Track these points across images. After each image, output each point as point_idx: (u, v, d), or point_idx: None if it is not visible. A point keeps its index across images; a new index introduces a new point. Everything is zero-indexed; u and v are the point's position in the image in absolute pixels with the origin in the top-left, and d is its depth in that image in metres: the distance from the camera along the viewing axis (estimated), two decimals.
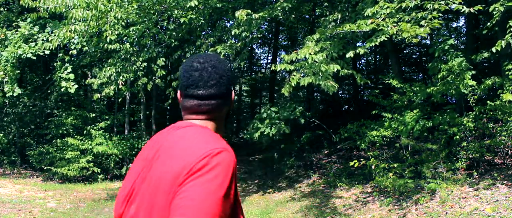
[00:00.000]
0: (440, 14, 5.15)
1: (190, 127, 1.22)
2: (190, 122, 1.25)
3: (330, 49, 5.32)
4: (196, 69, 1.24)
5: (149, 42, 7.90)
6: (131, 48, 7.83)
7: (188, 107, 1.25)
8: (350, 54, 5.30)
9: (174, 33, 8.17)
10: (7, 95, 9.02)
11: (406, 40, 5.02)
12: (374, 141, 7.58)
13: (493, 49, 5.37)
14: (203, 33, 9.54)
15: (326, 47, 5.38)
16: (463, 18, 11.91)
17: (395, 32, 4.89)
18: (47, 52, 8.37)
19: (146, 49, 7.89)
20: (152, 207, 1.12)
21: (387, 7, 5.09)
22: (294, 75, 5.30)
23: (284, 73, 14.94)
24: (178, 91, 1.29)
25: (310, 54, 5.12)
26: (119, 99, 13.38)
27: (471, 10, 4.91)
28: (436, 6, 4.94)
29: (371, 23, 4.92)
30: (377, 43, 5.09)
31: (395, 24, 4.97)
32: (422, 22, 5.03)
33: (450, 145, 6.92)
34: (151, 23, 7.45)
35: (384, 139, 7.53)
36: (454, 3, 4.91)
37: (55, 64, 10.91)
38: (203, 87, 1.22)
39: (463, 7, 4.90)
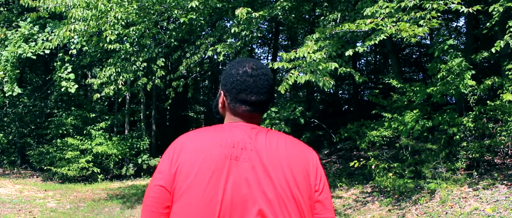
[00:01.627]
0: (439, 14, 5.15)
1: (272, 130, 1.32)
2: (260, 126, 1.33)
3: (329, 48, 5.33)
4: (251, 75, 1.28)
5: (149, 42, 7.90)
6: (131, 48, 7.83)
7: (239, 112, 1.30)
8: (349, 52, 5.31)
9: (174, 33, 8.17)
10: (6, 95, 9.02)
11: (405, 40, 5.02)
12: (374, 141, 7.57)
13: (493, 50, 5.37)
14: (203, 33, 9.54)
15: (325, 46, 5.38)
16: (463, 18, 11.92)
17: (394, 32, 4.89)
18: (47, 52, 8.37)
19: (146, 49, 7.89)
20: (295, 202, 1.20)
21: (386, 7, 5.09)
22: (292, 73, 5.30)
23: (284, 73, 14.93)
24: (222, 92, 1.33)
25: (308, 53, 5.12)
26: (119, 99, 13.37)
27: (470, 10, 4.91)
28: (435, 6, 4.94)
29: (370, 22, 4.92)
30: (376, 42, 5.09)
31: (394, 24, 4.97)
32: (421, 22, 5.03)
33: (450, 145, 6.92)
34: (151, 23, 7.44)
35: (384, 139, 7.53)
36: (453, 3, 4.90)
37: (55, 64, 10.91)
38: (256, 94, 1.28)
39: (462, 7, 4.89)
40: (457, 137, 6.59)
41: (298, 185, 1.21)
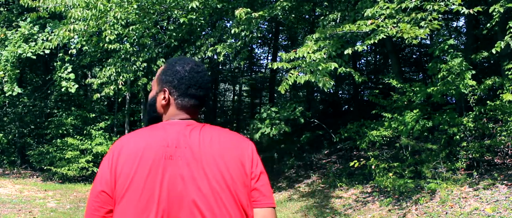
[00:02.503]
0: (440, 15, 5.15)
1: (207, 125, 1.37)
2: (192, 121, 1.36)
3: (329, 48, 5.33)
4: (197, 71, 1.37)
5: (149, 42, 7.90)
6: (131, 48, 7.83)
7: (186, 105, 1.36)
8: (348, 51, 5.31)
9: (174, 34, 8.17)
10: (6, 94, 9.02)
11: (406, 41, 5.02)
12: (374, 141, 7.57)
13: (493, 51, 5.37)
14: (203, 33, 9.53)
15: (325, 46, 5.38)
16: (463, 18, 11.91)
17: (394, 33, 4.89)
18: (47, 52, 8.37)
19: (146, 49, 7.89)
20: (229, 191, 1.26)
21: (387, 8, 5.09)
22: (292, 74, 5.30)
23: (284, 73, 14.93)
24: (167, 90, 1.36)
25: (308, 53, 5.13)
26: (119, 99, 13.37)
27: (471, 11, 4.91)
28: (436, 7, 4.94)
29: (371, 23, 4.92)
30: (376, 41, 5.09)
31: (394, 25, 4.97)
32: (422, 23, 5.03)
33: (450, 145, 6.92)
34: (150, 23, 7.44)
35: (384, 139, 7.53)
36: (453, 4, 4.90)
37: (55, 64, 10.91)
38: (203, 88, 1.37)
39: (462, 8, 4.89)
40: (457, 137, 6.59)
41: (232, 176, 1.27)
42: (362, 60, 17.74)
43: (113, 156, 1.25)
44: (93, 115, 12.08)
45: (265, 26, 16.57)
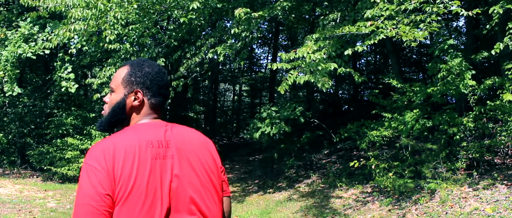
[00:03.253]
0: (439, 17, 5.15)
1: (174, 123, 1.46)
2: (162, 121, 1.45)
3: (329, 48, 5.33)
4: (163, 72, 1.46)
5: (148, 42, 7.90)
6: (131, 48, 7.83)
7: (157, 104, 1.44)
8: (348, 51, 5.31)
9: (174, 34, 8.16)
10: (6, 95, 9.02)
11: (405, 44, 5.03)
12: (374, 141, 7.57)
13: (493, 52, 5.38)
14: (203, 33, 9.53)
15: (325, 46, 5.39)
16: (463, 18, 11.91)
17: (394, 35, 4.89)
18: (47, 52, 8.37)
19: (146, 49, 7.88)
20: (211, 186, 1.39)
21: (387, 9, 5.09)
22: (291, 74, 5.30)
23: (284, 73, 14.93)
24: (140, 91, 1.41)
25: (308, 53, 5.13)
26: None
27: (470, 13, 4.92)
28: (435, 9, 4.94)
29: (371, 25, 4.92)
30: (376, 42, 5.09)
31: (394, 26, 4.98)
32: (421, 25, 5.04)
33: (450, 145, 6.92)
34: (150, 23, 7.44)
35: (384, 139, 7.53)
36: (452, 6, 4.91)
37: (55, 64, 10.91)
38: (168, 88, 1.47)
39: (462, 10, 4.90)
40: (457, 137, 6.59)
41: (212, 170, 1.41)
42: (362, 60, 17.76)
43: (105, 157, 1.24)
44: (93, 115, 12.08)
45: (265, 26, 16.58)
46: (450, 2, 4.93)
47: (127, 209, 1.21)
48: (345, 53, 5.35)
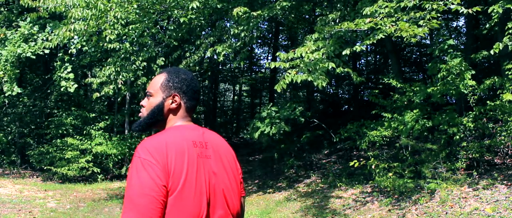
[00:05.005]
0: (439, 15, 5.15)
1: (207, 128, 1.64)
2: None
3: (327, 48, 5.33)
4: (196, 79, 1.64)
5: (148, 41, 7.90)
6: (131, 48, 7.83)
7: (191, 107, 1.61)
8: (346, 51, 5.31)
9: (174, 33, 8.16)
10: (6, 94, 9.02)
11: (405, 40, 5.02)
12: (374, 141, 7.57)
13: (492, 52, 5.38)
14: (203, 33, 9.53)
15: (324, 46, 5.38)
16: (463, 18, 11.92)
17: (393, 31, 4.89)
18: (46, 51, 8.37)
19: (145, 49, 7.88)
20: (236, 186, 1.60)
21: (386, 6, 5.09)
22: (289, 73, 5.30)
23: (283, 73, 14.94)
24: (177, 94, 1.58)
25: (307, 52, 5.13)
26: (119, 99, 13.37)
27: (470, 11, 4.91)
28: (434, 6, 4.94)
29: (369, 22, 4.92)
30: (375, 41, 5.09)
31: (393, 24, 4.97)
32: (421, 22, 5.03)
33: (450, 145, 6.92)
34: (150, 23, 7.44)
35: (384, 139, 7.52)
36: (452, 3, 4.90)
37: (55, 64, 10.91)
38: (199, 93, 1.67)
39: (462, 8, 4.89)
40: (457, 137, 6.58)
41: (235, 172, 1.61)
42: (362, 60, 17.76)
43: (159, 153, 1.38)
44: (93, 115, 12.08)
45: (265, 26, 16.58)
46: (450, 0, 4.93)
47: (180, 201, 1.37)
48: (344, 53, 5.35)
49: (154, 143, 1.40)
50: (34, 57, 8.65)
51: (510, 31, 5.36)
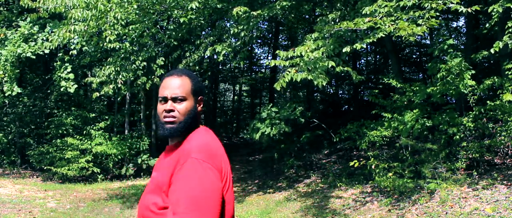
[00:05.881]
0: (439, 14, 5.15)
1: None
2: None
3: (327, 47, 5.33)
4: None
5: (148, 41, 7.90)
6: (131, 48, 7.83)
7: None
8: (346, 49, 5.31)
9: (173, 33, 8.16)
10: (6, 94, 9.02)
11: (404, 38, 5.02)
12: (374, 141, 7.57)
13: (492, 50, 5.37)
14: (202, 33, 9.53)
15: (323, 45, 5.38)
16: (462, 18, 11.92)
17: (392, 30, 4.88)
18: (46, 51, 8.37)
19: (145, 49, 7.88)
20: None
21: (385, 6, 5.09)
22: (289, 71, 5.30)
23: (283, 73, 14.92)
24: (202, 98, 1.66)
25: (306, 51, 5.13)
26: (119, 99, 13.37)
27: (469, 10, 4.91)
28: (434, 5, 4.93)
29: (369, 21, 4.92)
30: (375, 40, 5.09)
31: (392, 22, 4.97)
32: (420, 21, 5.03)
33: (450, 145, 6.92)
34: (150, 23, 7.44)
35: (384, 139, 7.52)
36: (452, 2, 4.90)
37: (55, 64, 10.91)
38: None
39: (461, 7, 4.89)
40: (457, 137, 6.58)
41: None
42: (362, 60, 17.75)
43: (214, 158, 1.50)
44: (93, 115, 12.07)
45: (265, 26, 16.57)
46: None
47: (229, 197, 1.54)
48: (343, 50, 5.35)
49: (208, 147, 1.52)
50: (34, 57, 8.65)
51: (510, 30, 5.35)
